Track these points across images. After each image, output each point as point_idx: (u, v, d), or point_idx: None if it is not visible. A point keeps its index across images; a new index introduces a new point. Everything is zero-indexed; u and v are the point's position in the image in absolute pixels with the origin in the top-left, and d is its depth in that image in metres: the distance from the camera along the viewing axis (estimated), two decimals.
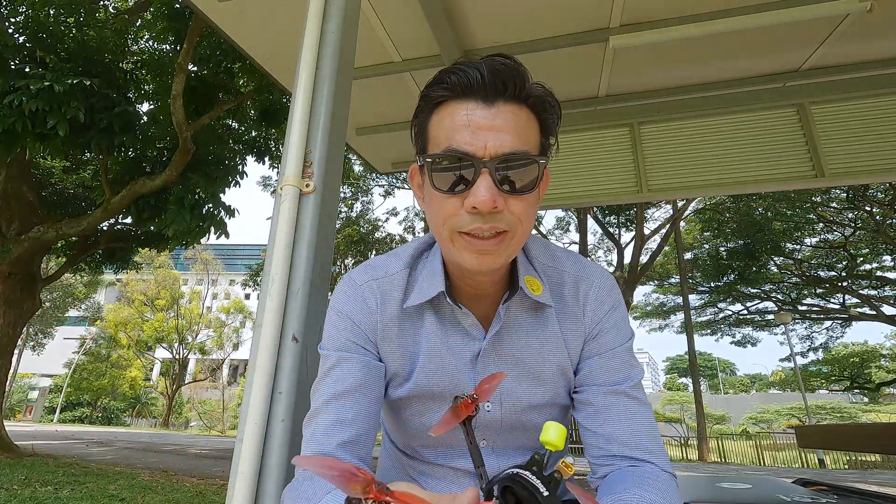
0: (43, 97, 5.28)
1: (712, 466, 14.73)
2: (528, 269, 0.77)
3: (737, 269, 18.24)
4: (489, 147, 0.60)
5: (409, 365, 0.76)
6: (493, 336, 0.74)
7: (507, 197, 0.62)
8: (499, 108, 0.62)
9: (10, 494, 4.40)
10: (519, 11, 2.41)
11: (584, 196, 3.10)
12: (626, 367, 0.76)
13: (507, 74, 0.62)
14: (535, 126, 0.66)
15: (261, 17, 2.46)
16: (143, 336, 31.11)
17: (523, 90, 0.64)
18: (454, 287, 0.76)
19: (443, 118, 0.65)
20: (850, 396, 30.83)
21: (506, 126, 0.62)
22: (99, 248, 9.75)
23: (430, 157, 0.64)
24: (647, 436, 0.71)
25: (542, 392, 0.76)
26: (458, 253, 0.65)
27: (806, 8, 2.20)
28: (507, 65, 0.63)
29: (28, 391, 35.14)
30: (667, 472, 0.69)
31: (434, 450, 0.80)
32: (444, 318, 0.76)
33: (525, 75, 0.64)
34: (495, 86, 0.62)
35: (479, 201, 0.60)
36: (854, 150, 2.74)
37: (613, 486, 0.66)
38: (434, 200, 0.66)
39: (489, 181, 0.60)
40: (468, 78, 0.63)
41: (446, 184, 0.63)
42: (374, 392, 0.73)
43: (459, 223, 0.63)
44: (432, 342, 0.75)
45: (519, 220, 0.64)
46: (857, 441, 1.74)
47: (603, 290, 0.78)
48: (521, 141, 0.62)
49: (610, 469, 0.71)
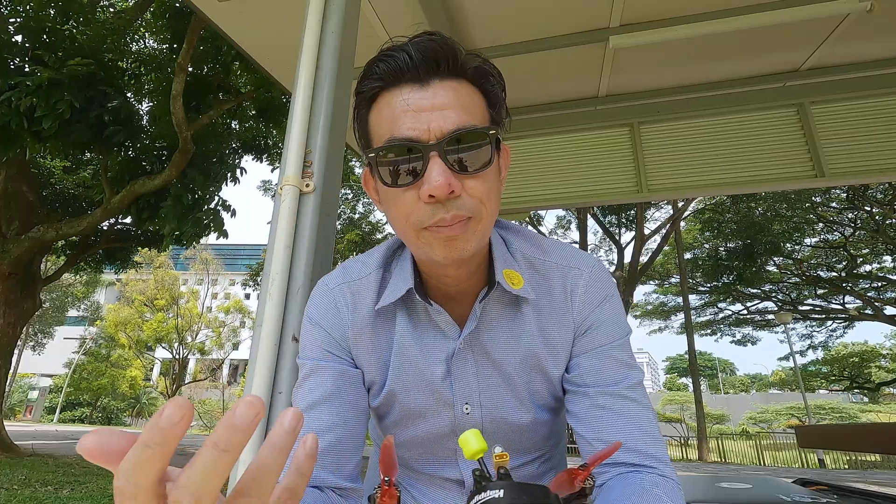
0: (39, 93, 5.27)
1: (712, 466, 14.73)
2: (509, 261, 0.71)
3: (736, 269, 18.25)
4: (433, 128, 0.56)
5: (383, 370, 0.72)
6: (469, 334, 0.69)
7: (463, 178, 0.57)
8: (436, 87, 0.58)
9: (10, 494, 4.40)
10: (519, 11, 2.41)
11: (584, 196, 3.10)
12: (622, 366, 0.69)
13: (438, 50, 0.58)
14: (479, 99, 0.62)
15: (261, 17, 2.46)
16: (142, 336, 31.09)
17: (458, 64, 0.59)
18: (429, 287, 0.72)
19: (381, 110, 0.60)
20: (850, 396, 30.84)
21: (447, 103, 0.57)
22: (99, 248, 9.76)
23: (373, 152, 0.60)
24: (646, 440, 0.65)
25: (523, 392, 0.72)
26: (428, 247, 0.61)
27: (806, 8, 2.20)
28: (434, 40, 0.59)
29: (28, 391, 35.15)
30: (668, 479, 0.64)
31: (420, 460, 0.78)
32: (418, 318, 0.72)
33: (456, 49, 0.60)
34: (427, 64, 0.58)
35: (434, 188, 0.55)
36: (854, 150, 2.74)
37: (609, 497, 0.61)
38: (390, 199, 0.61)
39: (440, 164, 0.56)
40: (397, 62, 0.58)
41: (396, 177, 0.58)
42: (349, 399, 0.70)
43: (421, 218, 0.58)
44: (404, 343, 0.71)
45: (481, 202, 0.59)
46: (856, 441, 1.74)
47: (593, 280, 0.72)
48: (467, 116, 0.58)
49: (607, 477, 0.66)
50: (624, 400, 0.67)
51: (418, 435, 0.74)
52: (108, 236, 9.65)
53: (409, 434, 0.74)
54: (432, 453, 0.76)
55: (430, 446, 0.75)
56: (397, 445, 0.77)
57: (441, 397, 0.72)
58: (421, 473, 0.78)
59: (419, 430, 0.74)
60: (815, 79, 2.84)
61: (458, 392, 0.71)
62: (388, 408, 0.74)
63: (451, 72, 0.59)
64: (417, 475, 0.79)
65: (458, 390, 0.71)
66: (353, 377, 0.72)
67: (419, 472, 0.78)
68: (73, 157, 8.97)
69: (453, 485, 0.76)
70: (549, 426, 0.77)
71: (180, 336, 31.43)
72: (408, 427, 0.74)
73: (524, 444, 0.76)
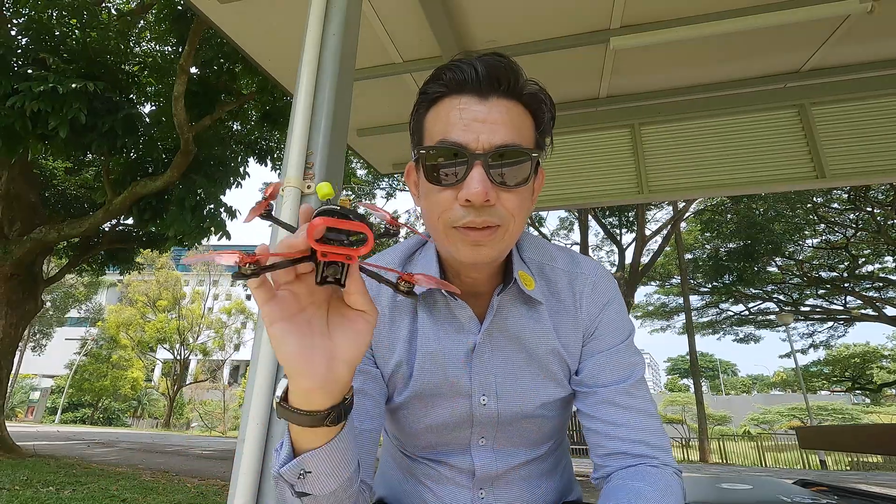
0: (45, 99, 5.29)
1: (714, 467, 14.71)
2: (521, 265, 0.76)
3: (737, 270, 18.22)
4: (482, 139, 0.61)
5: (403, 363, 0.75)
6: (488, 327, 0.73)
7: (499, 190, 0.62)
8: (493, 103, 0.63)
9: (11, 495, 4.41)
10: (520, 12, 2.41)
11: (585, 197, 3.10)
12: (628, 365, 0.75)
13: (502, 70, 0.63)
14: (529, 123, 0.66)
15: (262, 19, 2.47)
16: (144, 337, 31.13)
17: (517, 86, 0.64)
18: (451, 283, 0.76)
19: (438, 113, 0.66)
20: (852, 397, 30.77)
21: (500, 119, 0.62)
22: (101, 249, 9.77)
23: (423, 150, 0.64)
24: (649, 432, 0.71)
25: (538, 384, 0.76)
26: (454, 246, 0.65)
27: (806, 9, 2.20)
28: (501, 62, 0.64)
29: (30, 392, 35.20)
30: (669, 468, 0.69)
31: (431, 449, 0.80)
32: (438, 313, 0.75)
33: (519, 72, 0.65)
34: (489, 81, 0.63)
35: (472, 193, 0.59)
36: (854, 151, 2.74)
37: (611, 494, 0.65)
38: (428, 195, 0.65)
39: (482, 173, 0.60)
40: (463, 74, 0.63)
41: (439, 176, 0.63)
42: (372, 395, 0.72)
43: (453, 217, 0.63)
44: (427, 339, 0.74)
45: (511, 215, 0.63)
46: (858, 442, 1.74)
47: (598, 285, 0.78)
48: (515, 135, 0.63)
49: (610, 469, 0.71)
50: (628, 396, 0.73)
51: (434, 424, 0.76)
52: (109, 237, 9.66)
53: (426, 423, 0.77)
54: (445, 442, 0.78)
55: (445, 434, 0.77)
56: (410, 434, 0.80)
57: (460, 388, 0.74)
58: (432, 464, 0.80)
59: (436, 419, 0.76)
60: (815, 80, 2.84)
61: (476, 384, 0.74)
62: (406, 399, 0.76)
63: (509, 92, 0.64)
64: (429, 466, 0.80)
65: (476, 382, 0.74)
66: (374, 376, 0.74)
67: (430, 464, 0.80)
68: (76, 159, 8.99)
69: (463, 474, 0.78)
70: (558, 418, 0.80)
71: (182, 337, 31.46)
72: (425, 417, 0.76)
73: (536, 436, 0.79)
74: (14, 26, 6.32)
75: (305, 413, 0.47)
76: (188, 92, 6.68)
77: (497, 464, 0.77)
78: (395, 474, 0.88)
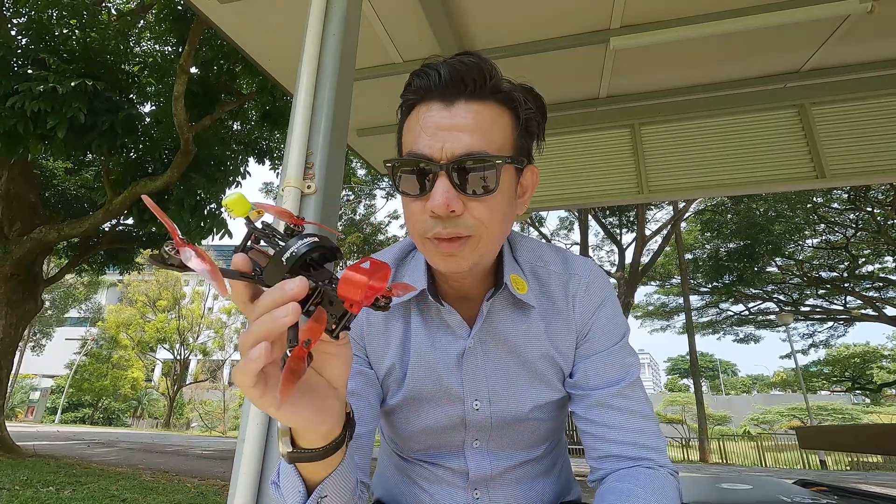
0: (45, 99, 5.29)
1: (714, 467, 14.70)
2: (514, 268, 0.75)
3: (737, 269, 18.23)
4: (446, 148, 0.59)
5: (397, 367, 0.75)
6: (478, 333, 0.73)
7: (466, 200, 0.60)
8: (458, 108, 0.60)
9: (11, 495, 4.41)
10: (520, 12, 2.41)
11: (585, 197, 3.10)
12: (622, 366, 0.73)
13: (467, 72, 0.60)
14: (506, 123, 0.63)
15: (262, 19, 2.47)
16: (144, 337, 31.12)
17: (485, 87, 0.61)
18: (439, 288, 0.74)
19: (410, 122, 0.64)
20: (852, 397, 30.76)
21: (465, 125, 0.60)
22: (101, 249, 9.77)
23: (389, 163, 0.63)
24: (644, 434, 0.70)
25: (530, 388, 0.75)
26: (429, 256, 0.65)
27: (806, 9, 2.20)
28: (466, 62, 0.61)
29: (30, 392, 35.19)
30: (665, 469, 0.68)
31: (425, 451, 0.80)
32: (430, 318, 0.75)
33: (489, 71, 0.61)
34: (454, 84, 0.60)
35: (435, 206, 0.58)
36: (855, 151, 2.74)
37: (602, 496, 0.65)
38: (405, 205, 0.65)
39: (446, 184, 0.58)
40: (428, 79, 0.61)
41: (409, 188, 0.62)
42: (366, 397, 0.72)
43: (424, 228, 0.62)
44: (419, 343, 0.74)
45: (483, 225, 0.61)
46: (858, 442, 1.74)
47: (592, 286, 0.76)
48: (483, 140, 0.60)
49: (605, 471, 0.70)
50: (623, 398, 0.72)
51: (427, 427, 0.76)
52: (109, 237, 9.66)
53: (419, 426, 0.76)
54: (439, 444, 0.78)
55: (438, 437, 0.77)
56: (404, 436, 0.79)
57: (452, 393, 0.74)
58: (427, 466, 0.80)
59: (429, 423, 0.76)
60: (815, 80, 2.84)
61: (468, 388, 0.74)
62: (399, 402, 0.76)
63: (477, 93, 0.61)
64: (425, 468, 0.80)
65: (468, 387, 0.74)
66: (368, 377, 0.74)
67: (426, 466, 0.80)
68: (76, 159, 8.98)
69: (457, 475, 0.78)
70: (553, 421, 0.79)
71: (182, 337, 31.45)
72: (418, 420, 0.76)
73: (531, 438, 0.78)
74: (14, 26, 6.32)
75: (320, 449, 0.47)
76: (188, 92, 6.68)
77: (491, 465, 0.76)
78: (392, 475, 0.88)
